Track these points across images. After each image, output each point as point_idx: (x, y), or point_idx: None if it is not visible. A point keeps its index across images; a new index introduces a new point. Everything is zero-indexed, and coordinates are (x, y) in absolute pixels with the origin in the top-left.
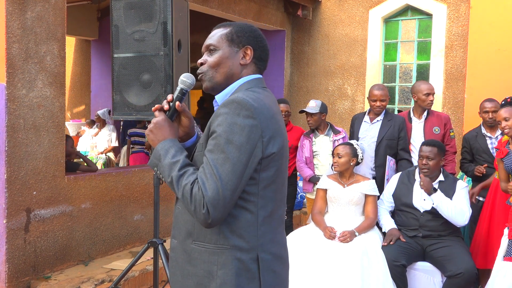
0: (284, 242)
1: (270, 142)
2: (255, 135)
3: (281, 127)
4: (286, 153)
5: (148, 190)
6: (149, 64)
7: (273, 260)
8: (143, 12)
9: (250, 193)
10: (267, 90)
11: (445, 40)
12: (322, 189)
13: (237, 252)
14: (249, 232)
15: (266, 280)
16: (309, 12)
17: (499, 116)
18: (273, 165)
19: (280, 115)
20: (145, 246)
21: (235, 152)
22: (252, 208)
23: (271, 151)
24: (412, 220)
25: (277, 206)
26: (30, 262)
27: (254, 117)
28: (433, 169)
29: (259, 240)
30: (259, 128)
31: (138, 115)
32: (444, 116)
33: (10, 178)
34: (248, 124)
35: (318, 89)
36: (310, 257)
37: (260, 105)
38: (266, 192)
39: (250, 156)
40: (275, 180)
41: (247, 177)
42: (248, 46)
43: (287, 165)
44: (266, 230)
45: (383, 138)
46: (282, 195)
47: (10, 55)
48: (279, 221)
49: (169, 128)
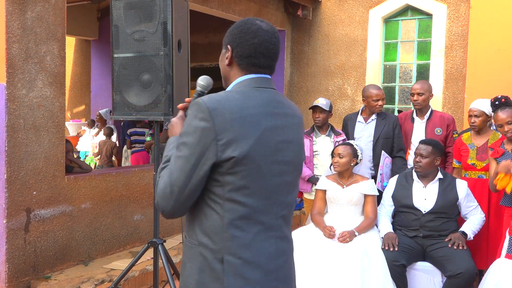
0: (271, 250)
1: (230, 146)
2: (206, 138)
3: (252, 130)
4: (264, 158)
5: (148, 190)
6: (149, 64)
7: (243, 265)
8: (143, 12)
9: (216, 195)
10: (260, 90)
11: (445, 40)
12: (321, 189)
13: (203, 249)
14: (216, 233)
15: (232, 284)
16: (309, 12)
17: (498, 120)
18: (239, 169)
19: (267, 118)
20: (145, 246)
21: (186, 152)
22: (219, 210)
23: (230, 155)
24: (413, 221)
25: (258, 212)
26: (30, 262)
27: (208, 120)
28: (425, 167)
29: (226, 242)
30: (213, 131)
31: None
32: (447, 117)
33: (10, 178)
34: (200, 127)
35: (318, 89)
36: (310, 257)
37: (222, 107)
38: (234, 196)
39: (199, 157)
40: (247, 185)
41: (199, 177)
42: (228, 46)
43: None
44: (236, 234)
45: (379, 137)
46: (269, 202)
47: (10, 55)
48: (264, 228)
49: (181, 126)
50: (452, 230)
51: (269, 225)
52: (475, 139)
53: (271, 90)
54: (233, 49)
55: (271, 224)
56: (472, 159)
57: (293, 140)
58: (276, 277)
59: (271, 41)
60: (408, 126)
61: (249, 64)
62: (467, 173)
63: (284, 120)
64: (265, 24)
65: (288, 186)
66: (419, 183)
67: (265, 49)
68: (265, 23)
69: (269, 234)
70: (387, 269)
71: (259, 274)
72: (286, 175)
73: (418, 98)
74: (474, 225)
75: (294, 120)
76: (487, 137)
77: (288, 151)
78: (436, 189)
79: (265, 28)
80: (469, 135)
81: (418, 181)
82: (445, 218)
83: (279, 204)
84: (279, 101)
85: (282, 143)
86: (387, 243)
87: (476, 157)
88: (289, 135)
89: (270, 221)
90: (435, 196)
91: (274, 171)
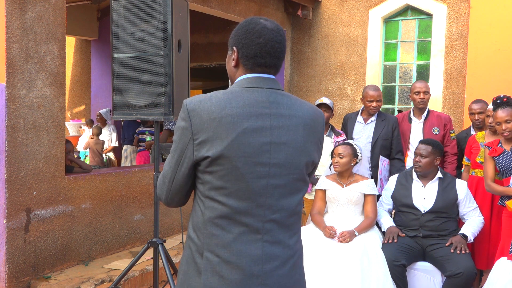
0: (256, 254)
1: (205, 146)
2: (185, 137)
3: (228, 130)
4: (243, 159)
5: (148, 190)
6: (149, 64)
7: (221, 264)
8: (143, 12)
9: (200, 192)
10: (253, 90)
11: (445, 40)
12: (321, 189)
13: (191, 242)
14: (199, 228)
15: (209, 281)
16: (309, 12)
17: (497, 118)
18: (215, 169)
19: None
20: (145, 246)
21: (173, 148)
22: (201, 207)
23: (204, 155)
24: (413, 220)
25: (239, 213)
26: (30, 262)
27: (186, 120)
28: (424, 167)
29: (206, 239)
30: (189, 131)
31: (138, 115)
32: (444, 116)
33: (10, 178)
34: (180, 126)
35: (318, 89)
36: (310, 257)
37: (201, 108)
38: (213, 195)
39: (180, 155)
40: (225, 186)
41: (181, 173)
42: (233, 47)
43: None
44: (215, 233)
45: (378, 138)
46: (253, 205)
47: (10, 55)
48: (247, 230)
49: None
50: (452, 230)
51: (254, 228)
52: (489, 139)
53: (267, 90)
54: (239, 50)
55: (257, 227)
56: (481, 158)
57: (288, 141)
58: (262, 283)
59: (276, 39)
60: (406, 126)
61: (255, 64)
62: (474, 171)
63: (276, 121)
64: (269, 23)
65: (279, 189)
66: (418, 183)
67: (271, 48)
68: (270, 21)
69: (254, 237)
70: (387, 269)
71: (239, 275)
72: (275, 178)
73: (425, 96)
74: (474, 228)
75: (292, 121)
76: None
77: (278, 153)
78: (435, 188)
79: (270, 27)
80: (483, 134)
81: (417, 181)
82: (445, 218)
83: (267, 208)
84: (274, 102)
85: (270, 144)
86: (388, 236)
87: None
88: (282, 136)
89: (256, 224)
90: (434, 195)
91: (258, 173)
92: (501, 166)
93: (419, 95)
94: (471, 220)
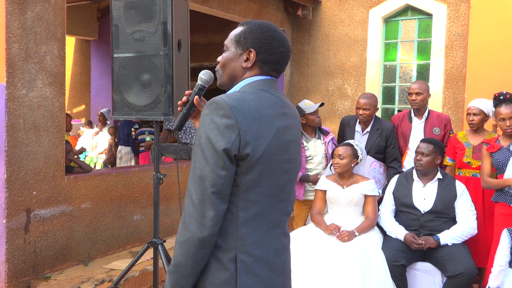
0: (278, 247)
1: (249, 143)
2: (231, 133)
3: (268, 130)
4: (277, 156)
5: (148, 190)
6: (149, 64)
7: (254, 263)
8: (143, 12)
9: (231, 194)
10: (269, 91)
11: (445, 40)
12: (322, 190)
13: (216, 250)
14: (227, 232)
15: (245, 283)
16: (309, 12)
17: (501, 114)
18: (256, 168)
19: (278, 118)
20: (145, 246)
21: (206, 148)
22: (232, 209)
23: (248, 152)
24: (413, 221)
25: (268, 209)
26: (30, 262)
27: (230, 116)
28: (425, 165)
29: (238, 241)
30: (236, 127)
31: (138, 115)
32: (444, 117)
33: (10, 178)
34: (222, 123)
35: (318, 89)
36: (310, 257)
37: (241, 105)
38: (248, 195)
39: (222, 152)
40: (261, 183)
41: (220, 171)
42: (251, 49)
43: (286, 169)
44: (249, 232)
45: (369, 150)
46: (277, 200)
47: (10, 55)
48: (272, 225)
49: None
50: None
51: (277, 222)
52: (471, 138)
53: (278, 91)
54: (258, 54)
55: (278, 221)
56: (468, 157)
57: (296, 139)
58: (282, 272)
59: (290, 49)
60: (406, 126)
61: (272, 69)
62: (461, 171)
63: (290, 120)
64: (281, 31)
65: (292, 183)
66: (418, 183)
67: (287, 58)
68: (279, 29)
69: (276, 231)
70: (387, 269)
71: (268, 271)
72: (291, 172)
73: (417, 97)
74: (457, 234)
75: (296, 120)
76: (483, 137)
77: (293, 150)
78: (435, 189)
79: (285, 37)
80: (464, 134)
81: (418, 181)
82: (445, 218)
83: (286, 201)
84: (285, 102)
85: (290, 142)
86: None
87: (472, 155)
88: (293, 134)
89: (278, 218)
90: (434, 195)
91: (284, 169)
92: (498, 162)
93: (411, 96)
94: (461, 224)
